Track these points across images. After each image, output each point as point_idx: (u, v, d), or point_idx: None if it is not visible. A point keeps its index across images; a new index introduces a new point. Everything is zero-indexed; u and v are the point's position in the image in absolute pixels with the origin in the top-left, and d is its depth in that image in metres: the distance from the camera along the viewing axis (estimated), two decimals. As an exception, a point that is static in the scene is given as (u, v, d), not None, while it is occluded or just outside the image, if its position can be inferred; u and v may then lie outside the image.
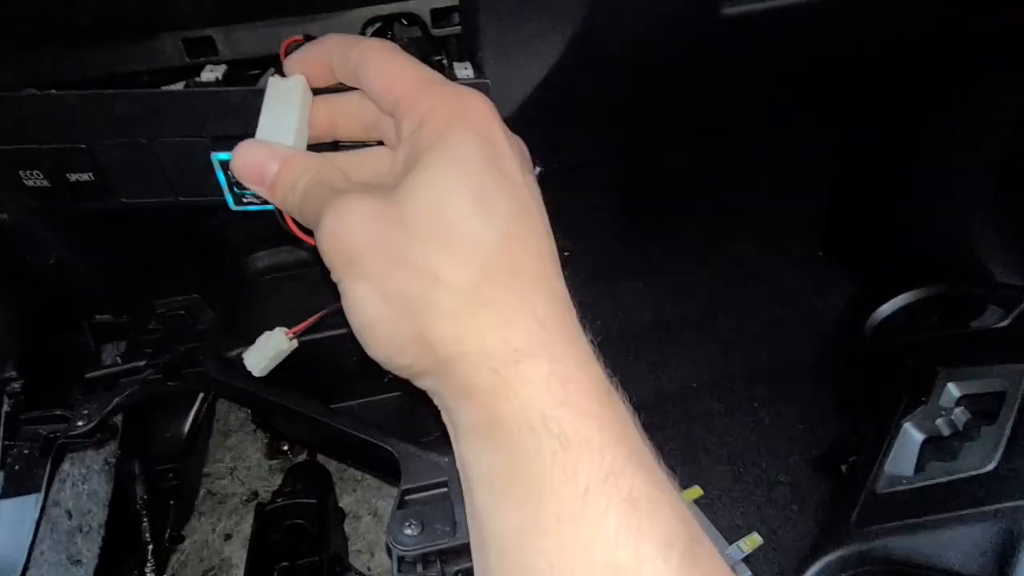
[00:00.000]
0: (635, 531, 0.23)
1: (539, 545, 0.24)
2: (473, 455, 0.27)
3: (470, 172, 0.27)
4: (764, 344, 1.01)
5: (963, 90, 0.81)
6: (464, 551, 0.40)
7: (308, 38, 0.42)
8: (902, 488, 0.68)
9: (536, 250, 0.28)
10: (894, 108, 0.91)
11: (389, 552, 0.39)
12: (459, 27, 0.44)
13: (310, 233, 0.32)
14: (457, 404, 0.28)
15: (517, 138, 0.31)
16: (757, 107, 0.63)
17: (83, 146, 0.41)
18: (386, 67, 0.30)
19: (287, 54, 0.43)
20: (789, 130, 1.00)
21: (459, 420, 0.28)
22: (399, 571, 0.41)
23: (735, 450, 0.91)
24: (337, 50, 0.33)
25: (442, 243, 0.27)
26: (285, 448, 0.85)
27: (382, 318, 0.28)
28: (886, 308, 0.94)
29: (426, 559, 0.40)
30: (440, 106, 0.28)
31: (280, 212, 0.35)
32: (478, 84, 0.41)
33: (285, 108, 0.35)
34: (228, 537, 0.80)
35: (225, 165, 0.42)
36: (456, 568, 0.42)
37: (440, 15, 0.44)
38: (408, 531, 0.39)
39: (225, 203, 0.44)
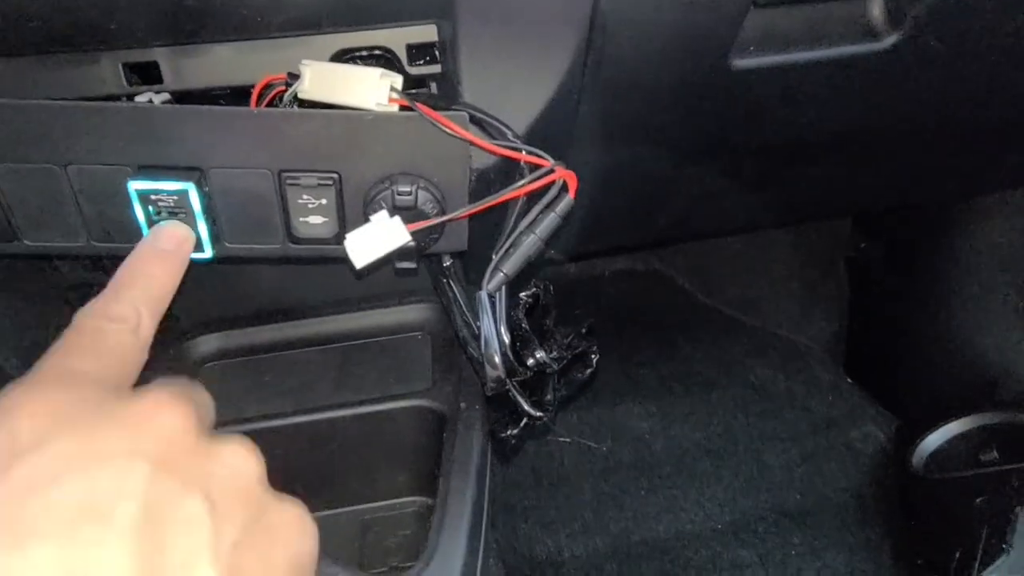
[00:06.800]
0: None
1: None
2: None
3: None
4: (794, 479, 0.87)
5: (991, 189, 0.76)
6: None
7: (292, 76, 0.37)
8: (1000, 663, 0.52)
9: None
10: (912, 209, 0.86)
11: None
12: (438, 65, 0.40)
13: None
14: None
15: None
16: (772, 182, 0.57)
17: (-21, 168, 0.34)
18: None
19: (262, 92, 0.38)
20: (795, 233, 0.95)
21: None
22: None
23: (772, 611, 0.75)
24: None
25: None
26: None
27: None
28: (935, 438, 0.82)
29: None
30: None
31: None
32: (453, 115, 0.35)
33: None
34: None
35: (144, 198, 0.35)
36: None
37: (416, 51, 0.39)
38: None
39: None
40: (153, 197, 0.34)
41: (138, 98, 0.37)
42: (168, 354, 0.51)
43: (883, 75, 0.45)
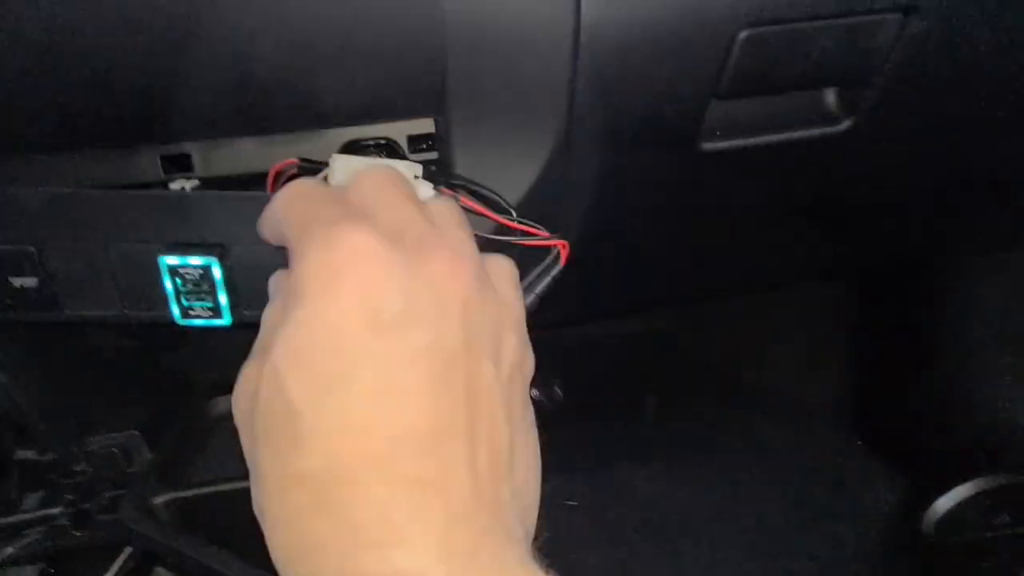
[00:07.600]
0: None
1: None
2: None
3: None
4: (805, 543, 0.86)
5: (972, 251, 0.78)
6: None
7: (305, 162, 0.42)
8: None
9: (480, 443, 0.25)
10: (914, 264, 0.88)
11: None
12: (435, 152, 0.45)
13: None
14: None
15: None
16: (754, 257, 0.61)
17: (32, 249, 0.39)
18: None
19: (277, 177, 0.43)
20: (797, 291, 0.97)
21: None
22: None
23: None
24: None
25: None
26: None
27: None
28: (946, 501, 0.81)
29: None
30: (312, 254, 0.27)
31: None
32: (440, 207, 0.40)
33: None
34: None
35: (173, 271, 0.40)
36: None
37: (416, 141, 0.44)
38: None
39: (171, 319, 0.41)
40: (181, 270, 0.39)
41: (172, 184, 0.42)
42: (188, 413, 0.55)
43: (844, 154, 0.49)
